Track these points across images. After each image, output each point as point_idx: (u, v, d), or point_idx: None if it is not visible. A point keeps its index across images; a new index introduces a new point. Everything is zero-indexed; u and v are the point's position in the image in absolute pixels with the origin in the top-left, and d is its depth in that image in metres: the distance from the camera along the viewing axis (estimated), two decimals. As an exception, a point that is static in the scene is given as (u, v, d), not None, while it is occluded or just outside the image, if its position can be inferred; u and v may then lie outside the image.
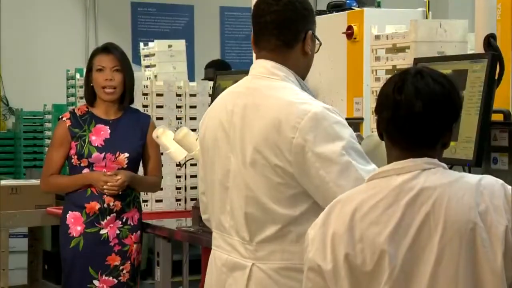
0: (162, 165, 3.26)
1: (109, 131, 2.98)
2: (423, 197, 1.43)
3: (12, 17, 5.60)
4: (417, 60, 2.39)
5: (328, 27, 3.37)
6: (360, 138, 2.29)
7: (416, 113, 1.45)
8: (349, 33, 3.15)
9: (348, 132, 1.73)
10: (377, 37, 2.76)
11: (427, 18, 3.09)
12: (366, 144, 2.15)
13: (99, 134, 2.96)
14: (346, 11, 3.26)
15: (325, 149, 1.68)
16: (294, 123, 1.69)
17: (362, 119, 3.09)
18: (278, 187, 1.72)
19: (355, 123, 3.17)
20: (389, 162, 1.51)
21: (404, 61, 2.58)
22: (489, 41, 2.24)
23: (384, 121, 1.49)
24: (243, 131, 1.76)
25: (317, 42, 1.87)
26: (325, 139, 1.68)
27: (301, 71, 1.84)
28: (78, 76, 3.96)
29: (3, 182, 3.78)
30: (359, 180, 1.65)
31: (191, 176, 3.58)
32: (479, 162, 2.09)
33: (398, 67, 2.59)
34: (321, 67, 3.42)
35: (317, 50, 1.88)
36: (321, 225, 1.48)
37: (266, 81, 1.78)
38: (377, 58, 2.74)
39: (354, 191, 1.52)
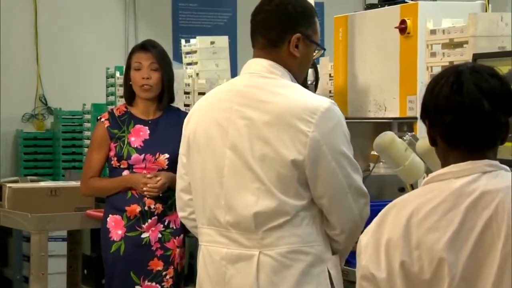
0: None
1: (148, 131, 3.01)
2: (485, 201, 1.41)
3: (50, 15, 5.73)
4: (476, 56, 2.36)
5: (379, 22, 3.35)
6: (414, 139, 2.28)
7: (485, 112, 1.43)
8: (402, 28, 3.13)
9: (345, 125, 1.93)
10: (433, 32, 2.73)
11: (486, 11, 3.05)
12: (421, 145, 2.14)
13: (138, 135, 3.01)
14: (399, 4, 3.24)
15: (337, 142, 1.87)
16: (308, 118, 1.84)
17: (416, 118, 3.07)
18: (288, 179, 1.85)
19: (408, 123, 3.15)
20: (445, 165, 1.49)
21: (462, 57, 2.56)
22: (555, 34, 2.19)
23: (443, 125, 1.47)
24: (248, 127, 1.87)
25: (316, 47, 1.98)
26: (337, 134, 1.88)
27: (293, 73, 1.95)
28: (118, 74, 4.02)
29: (42, 184, 3.86)
30: (358, 167, 1.91)
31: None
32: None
33: (455, 63, 2.56)
34: (372, 64, 3.40)
35: (316, 56, 2.01)
36: (375, 231, 1.47)
37: (266, 79, 1.91)
38: (433, 54, 2.72)
39: (410, 195, 1.51)
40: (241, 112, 1.89)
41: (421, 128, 2.93)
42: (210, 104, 1.99)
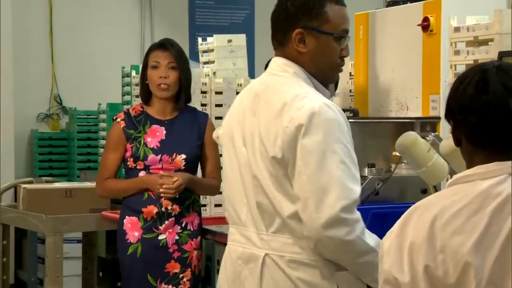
0: (222, 167, 3.28)
1: (164, 131, 3.03)
2: (512, 203, 1.40)
3: (65, 13, 5.76)
4: (501, 54, 2.34)
5: (402, 19, 3.33)
6: (438, 139, 2.27)
7: (511, 112, 1.42)
8: (425, 25, 3.11)
9: (338, 132, 1.83)
10: (457, 29, 2.72)
11: (512, 7, 3.02)
12: (445, 146, 2.12)
13: (155, 135, 3.02)
14: (422, 1, 3.22)
15: (310, 142, 1.82)
16: (291, 114, 1.85)
17: (439, 118, 3.05)
18: (278, 178, 1.88)
19: (431, 123, 3.13)
20: (470, 166, 1.48)
21: (487, 55, 2.54)
22: None
23: (468, 125, 1.46)
24: (254, 125, 1.93)
25: (335, 36, 1.93)
26: (314, 133, 1.82)
27: (309, 70, 1.94)
28: (133, 73, 4.04)
29: (57, 185, 3.89)
30: (334, 178, 1.80)
31: (252, 180, 3.59)
32: None
33: (480, 61, 2.54)
34: (394, 62, 3.39)
35: (343, 44, 1.95)
36: (397, 234, 1.47)
37: (277, 77, 1.96)
38: (457, 52, 2.70)
39: (434, 197, 1.50)
40: (252, 111, 1.95)
41: (444, 128, 2.92)
42: (236, 102, 2.06)
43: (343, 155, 1.82)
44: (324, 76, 1.96)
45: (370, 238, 1.86)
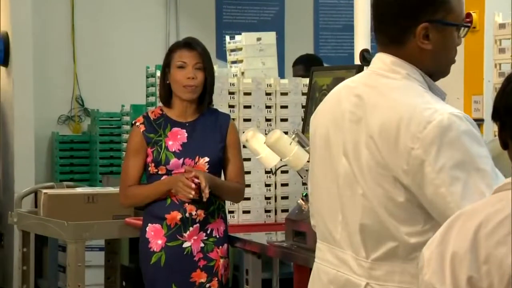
0: (250, 171, 3.28)
1: (186, 134, 3.03)
2: (563, 212, 1.37)
3: (87, 11, 5.81)
4: (550, 51, 2.31)
5: (441, 15, 3.29)
6: (482, 143, 2.24)
7: None
8: (468, 22, 3.07)
9: (476, 145, 1.69)
10: (502, 26, 2.69)
11: (561, 1, 2.97)
12: (490, 149, 2.09)
13: (176, 138, 3.02)
14: (463, -4, 3.18)
15: (448, 165, 1.66)
16: (415, 132, 1.67)
17: (482, 120, 3.02)
18: (394, 198, 1.71)
19: (473, 125, 3.09)
20: (517, 171, 1.46)
21: (534, 53, 2.50)
22: None
23: None
24: (359, 134, 1.75)
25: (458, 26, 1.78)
26: (449, 154, 1.66)
27: (428, 68, 1.78)
28: (158, 73, 4.06)
29: (79, 190, 3.92)
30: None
31: (282, 185, 3.59)
32: None
33: (526, 59, 2.51)
34: (433, 61, 3.35)
35: (463, 35, 1.80)
36: (439, 243, 1.44)
37: (385, 79, 1.77)
38: (502, 50, 2.67)
39: (478, 204, 1.47)
40: (356, 117, 1.77)
41: (488, 131, 2.88)
42: (331, 100, 1.87)
43: (491, 170, 1.68)
44: (441, 73, 1.80)
45: None
